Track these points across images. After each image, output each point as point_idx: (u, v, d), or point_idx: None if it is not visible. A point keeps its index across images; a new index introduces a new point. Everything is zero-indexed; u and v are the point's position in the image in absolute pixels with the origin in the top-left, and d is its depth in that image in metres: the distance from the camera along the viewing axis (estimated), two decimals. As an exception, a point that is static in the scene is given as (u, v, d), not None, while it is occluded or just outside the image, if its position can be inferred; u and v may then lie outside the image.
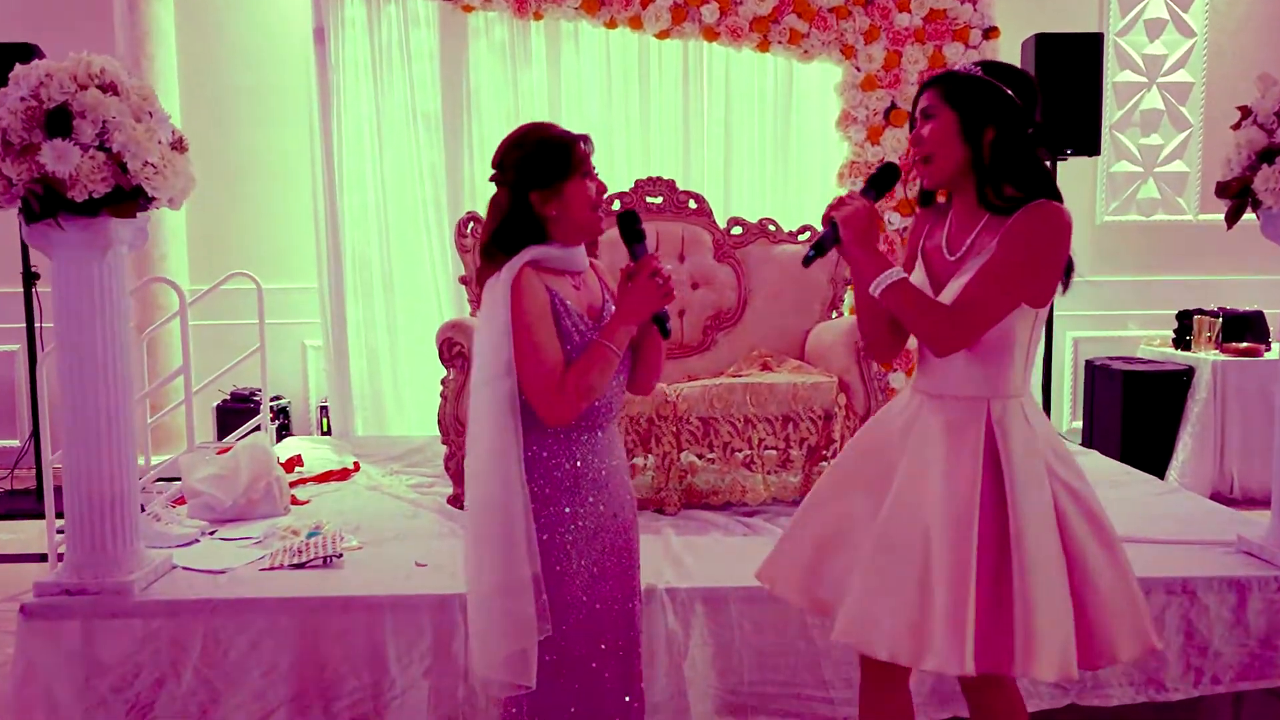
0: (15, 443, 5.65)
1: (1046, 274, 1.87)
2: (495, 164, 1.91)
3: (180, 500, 3.70)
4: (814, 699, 2.84)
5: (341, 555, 3.06)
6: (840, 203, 1.94)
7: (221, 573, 2.95)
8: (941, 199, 2.07)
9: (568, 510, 1.89)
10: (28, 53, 4.50)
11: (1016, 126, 1.87)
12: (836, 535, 2.01)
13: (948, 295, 1.92)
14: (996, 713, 2.03)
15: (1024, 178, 1.87)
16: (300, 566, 2.99)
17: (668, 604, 2.83)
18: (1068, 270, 1.93)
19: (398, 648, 2.73)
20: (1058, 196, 1.89)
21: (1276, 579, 2.89)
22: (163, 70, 5.47)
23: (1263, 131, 2.88)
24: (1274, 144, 2.84)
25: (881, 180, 2.02)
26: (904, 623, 1.82)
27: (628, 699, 1.97)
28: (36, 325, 5.05)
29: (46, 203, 2.53)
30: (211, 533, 3.37)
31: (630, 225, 1.97)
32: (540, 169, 1.86)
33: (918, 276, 2.03)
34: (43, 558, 4.28)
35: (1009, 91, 1.88)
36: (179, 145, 2.76)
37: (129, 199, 2.61)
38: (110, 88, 2.59)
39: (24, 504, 5.11)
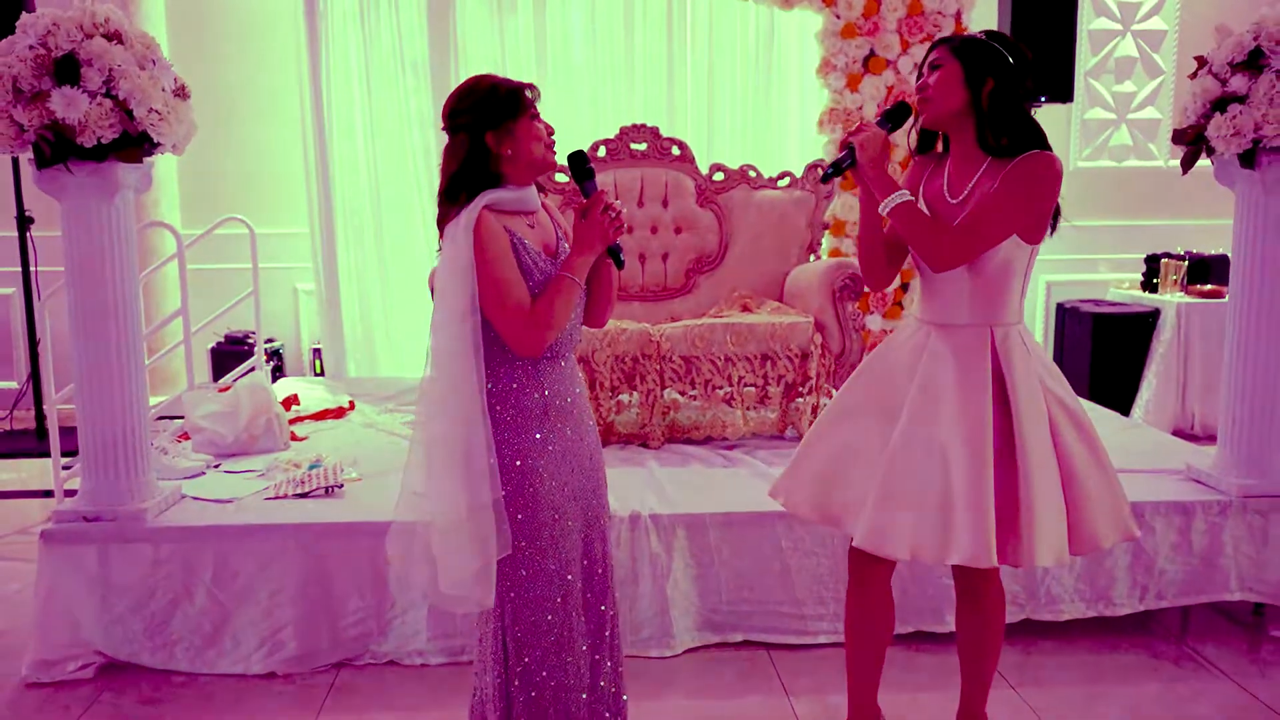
0: (13, 385, 5.76)
1: (1039, 212, 2.13)
2: (446, 115, 2.02)
3: (184, 436, 3.84)
4: (787, 615, 3.04)
5: (343, 485, 3.21)
6: (859, 128, 2.19)
7: (229, 501, 3.11)
8: (939, 150, 2.31)
9: (538, 436, 2.04)
10: (19, 1, 4.54)
11: (1012, 82, 2.15)
12: (848, 454, 2.26)
13: None
14: (988, 603, 2.32)
15: (1017, 127, 2.14)
16: (304, 496, 3.14)
17: (651, 529, 3.01)
18: (1056, 214, 2.18)
19: (398, 570, 2.89)
20: (1049, 147, 2.15)
21: (1219, 503, 3.09)
22: (150, 14, 5.48)
23: (1217, 81, 3.01)
24: (1227, 93, 2.98)
25: (895, 114, 2.27)
26: (927, 527, 2.10)
27: (603, 608, 2.16)
28: (32, 269, 5.13)
29: (57, 148, 2.64)
30: (216, 466, 3.52)
31: (580, 165, 2.09)
32: (493, 110, 1.98)
33: None
34: (45, 494, 4.44)
35: (1006, 54, 2.16)
36: (181, 92, 2.87)
37: (135, 144, 2.73)
38: (115, 36, 2.69)
39: (23, 444, 5.25)
